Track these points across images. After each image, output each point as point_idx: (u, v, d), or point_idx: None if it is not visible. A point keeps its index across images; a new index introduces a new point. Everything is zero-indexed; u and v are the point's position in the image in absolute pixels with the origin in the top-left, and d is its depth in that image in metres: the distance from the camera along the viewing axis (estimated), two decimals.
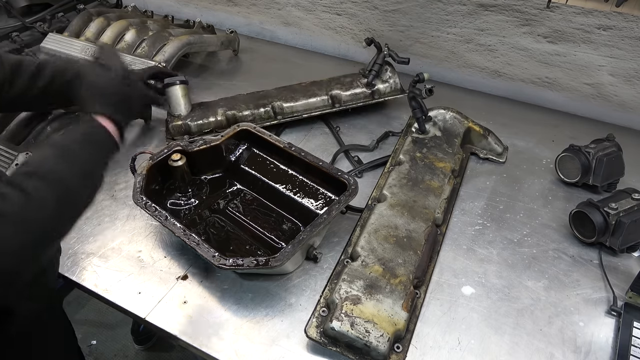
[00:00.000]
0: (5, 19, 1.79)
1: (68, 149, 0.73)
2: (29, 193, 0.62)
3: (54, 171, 0.68)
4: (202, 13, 1.88)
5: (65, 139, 0.76)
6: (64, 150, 0.72)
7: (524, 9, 1.29)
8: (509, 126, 1.31)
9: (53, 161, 0.69)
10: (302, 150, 1.03)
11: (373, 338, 0.77)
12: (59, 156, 0.71)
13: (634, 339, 0.81)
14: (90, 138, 0.78)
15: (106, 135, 0.81)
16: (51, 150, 0.72)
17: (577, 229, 1.00)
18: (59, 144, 0.74)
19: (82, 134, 0.78)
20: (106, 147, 0.81)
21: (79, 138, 0.77)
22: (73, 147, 0.74)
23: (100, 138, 0.80)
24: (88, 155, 0.75)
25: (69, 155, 0.72)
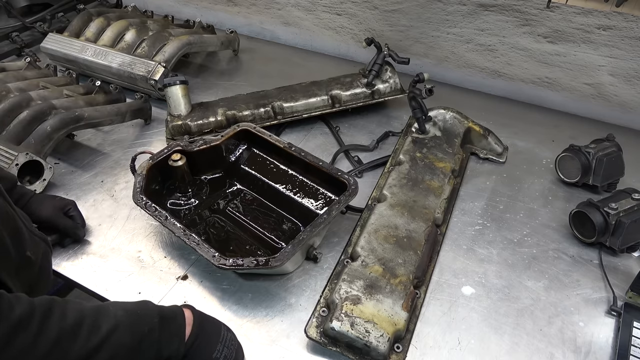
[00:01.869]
0: (5, 19, 1.79)
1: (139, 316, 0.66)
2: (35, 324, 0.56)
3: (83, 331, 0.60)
4: (202, 13, 1.88)
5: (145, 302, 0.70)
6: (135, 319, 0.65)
7: (524, 9, 1.29)
8: (509, 126, 1.31)
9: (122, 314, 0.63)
10: (302, 150, 1.03)
11: (373, 338, 0.77)
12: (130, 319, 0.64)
13: (634, 339, 0.81)
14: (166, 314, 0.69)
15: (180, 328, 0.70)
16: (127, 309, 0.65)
17: (577, 229, 1.00)
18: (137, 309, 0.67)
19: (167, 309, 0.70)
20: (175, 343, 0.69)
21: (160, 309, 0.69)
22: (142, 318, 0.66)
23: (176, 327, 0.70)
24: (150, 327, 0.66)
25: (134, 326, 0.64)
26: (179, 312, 0.72)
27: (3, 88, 1.20)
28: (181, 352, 0.69)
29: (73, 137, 1.27)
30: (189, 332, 0.71)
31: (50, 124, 1.10)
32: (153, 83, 1.34)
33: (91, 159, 1.23)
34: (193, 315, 0.73)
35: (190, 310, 0.74)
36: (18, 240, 0.71)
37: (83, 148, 1.27)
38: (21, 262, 0.72)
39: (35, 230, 0.80)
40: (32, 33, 1.72)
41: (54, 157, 1.22)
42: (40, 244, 0.80)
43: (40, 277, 0.78)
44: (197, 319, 0.73)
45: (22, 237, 0.73)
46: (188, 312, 0.73)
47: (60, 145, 1.22)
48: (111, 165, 1.21)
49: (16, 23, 1.73)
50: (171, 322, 0.69)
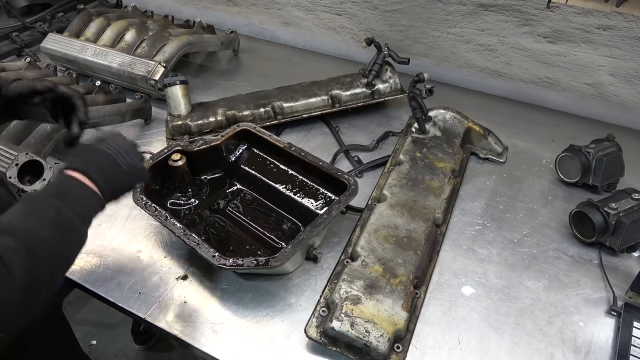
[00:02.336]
0: (5, 19, 1.79)
1: (35, 201, 0.65)
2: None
3: (24, 225, 0.60)
4: (202, 13, 1.88)
5: (33, 193, 0.68)
6: (31, 203, 0.64)
7: (524, 9, 1.29)
8: (509, 126, 1.31)
9: (21, 216, 0.61)
10: (302, 150, 1.03)
11: (373, 338, 0.77)
12: (27, 210, 0.63)
13: (634, 339, 0.81)
14: (59, 190, 0.67)
15: (81, 186, 0.68)
16: (19, 205, 0.64)
17: (577, 229, 1.00)
18: (26, 197, 0.67)
19: (52, 186, 0.68)
20: (81, 199, 0.68)
21: (48, 190, 0.67)
22: (40, 199, 0.65)
23: (74, 190, 0.68)
24: (56, 208, 0.64)
25: (37, 209, 0.63)
26: (66, 179, 0.68)
27: None
28: (104, 199, 0.69)
29: None
30: (89, 183, 0.68)
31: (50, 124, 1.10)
32: (153, 83, 1.34)
33: None
34: (74, 170, 0.69)
35: (70, 169, 0.69)
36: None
37: None
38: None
39: None
40: (32, 33, 1.72)
41: (54, 157, 1.22)
42: None
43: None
44: (82, 170, 0.69)
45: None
46: (69, 171, 0.69)
47: (60, 146, 1.22)
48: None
49: (16, 23, 1.73)
50: (68, 192, 0.66)
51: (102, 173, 0.70)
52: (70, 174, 0.68)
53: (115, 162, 0.72)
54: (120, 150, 0.73)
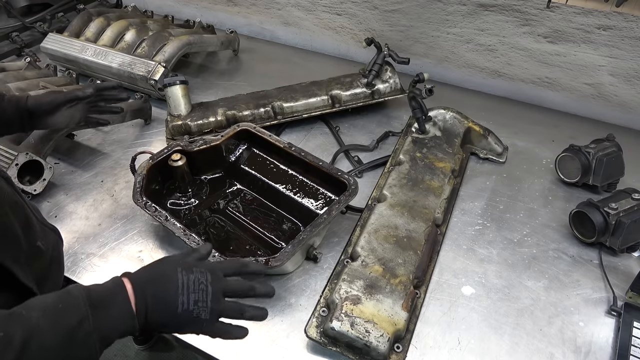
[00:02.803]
0: (5, 19, 1.79)
1: (68, 300, 0.56)
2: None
3: (37, 322, 0.53)
4: (202, 13, 1.88)
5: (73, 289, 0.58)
6: (63, 300, 0.56)
7: (524, 9, 1.29)
8: (509, 126, 1.31)
9: (42, 311, 0.54)
10: (302, 150, 1.03)
11: (373, 338, 0.77)
12: (53, 307, 0.55)
13: (634, 339, 0.81)
14: (100, 298, 0.58)
15: (124, 304, 0.58)
16: (52, 296, 0.57)
17: (577, 229, 1.00)
18: (65, 291, 0.58)
19: (100, 288, 0.59)
20: (115, 318, 0.58)
21: (92, 291, 0.58)
22: (73, 299, 0.56)
23: (115, 304, 0.58)
24: (81, 317, 0.55)
25: (63, 309, 0.55)
26: (117, 289, 0.59)
27: (3, 88, 1.20)
28: (136, 327, 0.59)
29: (73, 137, 1.27)
30: (134, 304, 0.59)
31: None
32: (153, 83, 1.34)
33: (91, 159, 1.23)
34: (132, 285, 0.60)
35: (129, 280, 0.61)
36: (29, 230, 0.72)
37: (83, 148, 1.27)
38: (32, 252, 0.72)
39: (45, 221, 0.81)
40: (32, 33, 1.72)
41: (54, 157, 1.22)
42: (51, 235, 0.80)
43: (51, 267, 0.78)
44: (137, 288, 0.60)
45: (32, 227, 0.73)
46: (127, 281, 0.61)
47: (60, 145, 1.22)
48: (111, 165, 1.21)
49: (16, 23, 1.73)
50: (107, 305, 0.58)
51: (154, 300, 0.60)
52: (125, 284, 0.60)
53: (174, 299, 0.60)
54: (192, 287, 0.61)
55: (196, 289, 0.61)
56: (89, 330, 0.55)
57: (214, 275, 0.64)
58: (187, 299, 0.60)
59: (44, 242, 0.75)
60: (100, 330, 0.56)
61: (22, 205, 0.72)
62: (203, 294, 0.62)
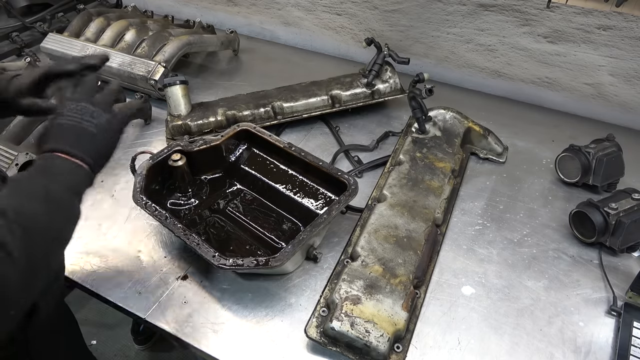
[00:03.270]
0: (5, 19, 1.79)
1: (21, 182, 0.63)
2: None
3: (12, 205, 0.58)
4: (202, 13, 1.88)
5: (17, 175, 0.67)
6: (16, 185, 0.62)
7: (524, 9, 1.29)
8: (509, 126, 1.31)
9: (7, 198, 0.59)
10: (302, 150, 1.03)
11: (373, 338, 0.77)
12: (14, 191, 0.60)
13: (634, 339, 0.81)
14: (43, 168, 0.65)
15: (63, 162, 0.66)
16: (5, 189, 0.61)
17: (577, 229, 1.00)
18: (11, 179, 0.65)
19: (35, 166, 0.65)
20: (67, 173, 0.65)
21: (32, 170, 0.64)
22: (25, 179, 0.63)
23: (57, 166, 0.65)
24: (43, 185, 0.62)
25: (23, 188, 0.61)
26: (44, 160, 0.65)
27: None
28: (91, 168, 0.68)
29: None
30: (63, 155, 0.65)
31: None
32: (153, 83, 1.34)
33: None
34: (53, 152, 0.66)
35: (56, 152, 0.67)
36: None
37: None
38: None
39: None
40: (32, 33, 1.72)
41: None
42: None
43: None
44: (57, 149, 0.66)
45: None
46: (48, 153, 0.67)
47: None
48: (111, 165, 1.20)
49: (16, 23, 1.73)
50: (51, 166, 0.65)
51: (77, 145, 0.67)
52: (49, 154, 0.66)
53: (82, 130, 0.68)
54: (80, 114, 0.69)
55: (82, 115, 0.69)
56: (58, 189, 0.63)
57: (72, 105, 0.70)
58: (89, 121, 0.69)
59: None
60: (65, 187, 0.64)
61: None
62: (87, 110, 0.69)
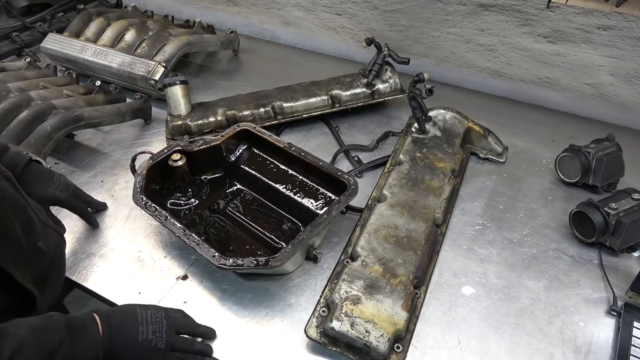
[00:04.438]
0: (5, 19, 1.79)
1: (50, 322, 0.66)
2: None
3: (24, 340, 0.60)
4: (202, 13, 1.88)
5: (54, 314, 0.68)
6: (45, 322, 0.65)
7: (524, 9, 1.29)
8: (509, 126, 1.31)
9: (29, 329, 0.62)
10: (302, 150, 1.03)
11: (373, 338, 0.77)
12: (39, 327, 0.63)
13: (634, 339, 0.81)
14: (75, 324, 0.67)
15: (94, 333, 0.68)
16: (36, 319, 0.65)
17: (577, 229, 1.00)
18: (46, 316, 0.67)
19: (75, 317, 0.69)
20: (87, 344, 0.67)
21: (69, 318, 0.67)
22: (55, 322, 0.66)
23: (88, 332, 0.68)
24: (60, 339, 0.64)
25: (47, 329, 0.64)
26: (88, 320, 0.69)
27: (3, 88, 1.20)
28: (100, 356, 0.67)
29: (73, 137, 1.27)
30: (101, 331, 0.69)
31: (50, 124, 1.10)
32: (153, 83, 1.34)
33: (91, 159, 1.23)
34: (100, 316, 0.70)
35: (97, 314, 0.71)
36: (29, 231, 0.72)
37: (83, 148, 1.27)
38: (32, 252, 0.72)
39: (48, 221, 0.80)
40: (32, 33, 1.72)
41: (54, 157, 1.22)
42: (53, 235, 0.80)
43: (52, 268, 0.78)
44: (104, 319, 0.70)
45: (34, 228, 0.73)
46: (95, 313, 0.71)
47: (60, 145, 1.22)
48: (111, 165, 1.21)
49: (16, 23, 1.73)
50: (82, 331, 0.67)
51: (118, 328, 0.70)
52: (94, 315, 0.70)
53: (135, 326, 0.71)
54: (150, 320, 0.73)
55: (153, 321, 0.73)
56: (66, 353, 0.63)
57: (166, 313, 0.77)
58: (146, 329, 0.72)
59: (46, 243, 0.76)
60: (73, 355, 0.64)
61: (24, 206, 0.72)
62: (159, 326, 0.73)
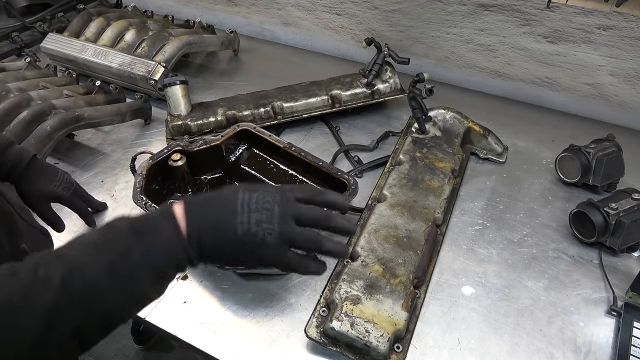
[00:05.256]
0: (5, 19, 1.79)
1: (112, 233, 0.52)
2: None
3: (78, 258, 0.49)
4: (202, 13, 1.88)
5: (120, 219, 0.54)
6: (106, 234, 0.52)
7: (524, 9, 1.29)
8: (509, 126, 1.31)
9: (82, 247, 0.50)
10: (302, 150, 1.03)
11: (373, 338, 0.77)
12: (98, 242, 0.51)
13: (634, 339, 0.81)
14: (148, 225, 0.53)
15: (173, 232, 0.53)
16: (96, 232, 0.52)
17: (577, 229, 1.00)
18: (110, 223, 0.53)
19: (148, 216, 0.55)
20: (164, 248, 0.52)
21: (138, 220, 0.53)
22: (117, 231, 0.52)
23: (162, 232, 0.52)
24: (125, 249, 0.50)
25: (106, 243, 0.51)
26: (166, 214, 0.54)
27: (3, 88, 1.20)
28: (191, 256, 0.53)
29: (73, 137, 1.27)
30: (184, 228, 0.53)
31: (50, 124, 1.10)
32: (153, 83, 1.34)
33: (91, 159, 1.23)
34: (184, 208, 0.54)
35: (180, 205, 0.55)
36: (11, 233, 0.71)
37: (83, 148, 1.27)
38: (15, 255, 0.70)
39: (35, 222, 0.80)
40: (32, 33, 1.72)
41: (54, 157, 1.22)
42: (39, 237, 0.79)
43: None
44: (188, 211, 0.54)
45: (16, 230, 0.72)
46: (178, 205, 0.55)
47: (60, 145, 1.22)
48: (111, 165, 1.21)
49: (16, 23, 1.73)
50: (152, 231, 0.52)
51: (208, 222, 0.54)
52: (174, 208, 0.54)
53: (232, 219, 0.53)
54: (255, 205, 0.54)
55: (259, 207, 0.54)
56: (135, 260, 0.50)
57: (283, 196, 0.56)
58: (248, 218, 0.53)
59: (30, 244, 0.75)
60: (149, 262, 0.51)
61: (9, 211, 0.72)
62: (268, 214, 0.53)
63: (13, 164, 0.85)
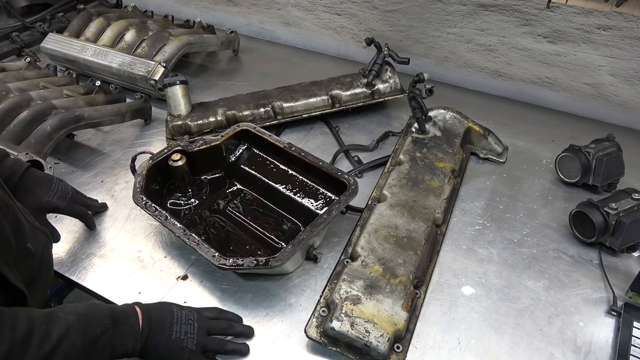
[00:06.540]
0: (5, 19, 1.79)
1: (94, 310, 0.69)
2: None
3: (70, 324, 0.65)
4: (202, 13, 1.88)
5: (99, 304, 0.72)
6: (90, 310, 0.69)
7: (524, 9, 1.29)
8: (509, 126, 1.31)
9: (75, 315, 0.66)
10: (302, 150, 1.03)
11: (373, 338, 0.77)
12: (83, 315, 0.67)
13: (634, 339, 0.81)
14: (118, 314, 0.71)
15: (135, 324, 0.72)
16: (81, 306, 0.69)
17: (577, 229, 1.00)
18: (90, 304, 0.71)
19: (119, 307, 0.73)
20: (127, 335, 0.71)
21: (112, 308, 0.71)
22: (99, 311, 0.69)
23: (129, 323, 0.71)
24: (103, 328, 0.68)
25: (91, 317, 0.68)
26: (131, 311, 0.72)
27: (3, 88, 1.20)
28: (137, 349, 0.70)
29: (73, 137, 1.27)
30: (141, 323, 0.72)
31: (50, 124, 1.10)
32: (153, 83, 1.34)
33: (91, 159, 1.23)
34: (141, 309, 0.73)
35: (139, 307, 0.74)
36: (19, 232, 0.72)
37: (83, 148, 1.27)
38: (21, 253, 0.72)
39: (36, 223, 0.80)
40: (32, 33, 1.72)
41: (54, 157, 1.22)
42: (41, 237, 0.80)
43: (40, 269, 0.78)
44: (144, 312, 0.73)
45: (22, 229, 0.73)
46: (138, 309, 0.74)
47: (60, 145, 1.22)
48: (111, 165, 1.21)
49: (16, 23, 1.73)
50: (124, 322, 0.70)
51: (156, 324, 0.72)
52: (135, 307, 0.73)
53: (170, 324, 0.74)
54: (184, 320, 0.75)
55: (186, 322, 0.75)
56: (108, 341, 0.67)
57: (199, 315, 0.78)
58: (180, 329, 0.74)
59: (34, 244, 0.75)
60: (114, 344, 0.67)
61: (13, 207, 0.72)
62: (191, 327, 0.75)
63: (6, 177, 0.87)
